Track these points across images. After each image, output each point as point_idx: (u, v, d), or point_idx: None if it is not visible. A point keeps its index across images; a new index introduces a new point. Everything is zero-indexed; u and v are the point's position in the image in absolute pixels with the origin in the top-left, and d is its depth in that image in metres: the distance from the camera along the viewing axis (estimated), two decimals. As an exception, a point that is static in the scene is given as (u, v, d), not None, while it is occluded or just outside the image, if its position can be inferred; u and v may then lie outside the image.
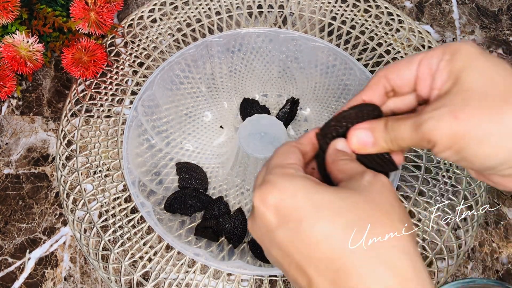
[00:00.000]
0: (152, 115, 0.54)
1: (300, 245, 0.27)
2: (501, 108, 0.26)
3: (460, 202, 0.51)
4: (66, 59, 0.54)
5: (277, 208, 0.28)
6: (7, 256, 0.50)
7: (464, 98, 0.27)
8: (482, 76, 0.27)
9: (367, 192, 0.28)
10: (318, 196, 0.27)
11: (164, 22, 0.61)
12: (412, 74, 0.31)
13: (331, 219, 0.26)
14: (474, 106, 0.26)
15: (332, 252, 0.26)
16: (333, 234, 0.26)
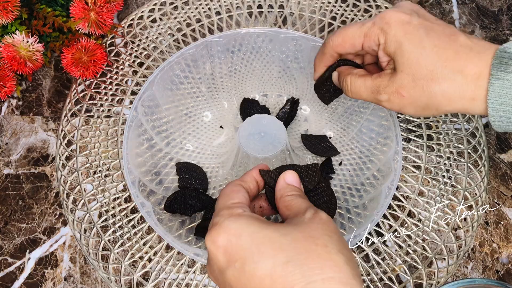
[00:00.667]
0: (152, 115, 0.54)
1: (246, 283, 0.29)
2: (429, 86, 0.35)
3: (460, 202, 0.51)
4: (66, 59, 0.54)
5: (225, 249, 0.30)
6: (7, 256, 0.50)
7: (403, 78, 0.36)
8: (411, 59, 0.36)
9: (307, 227, 0.30)
10: (260, 235, 0.29)
11: (164, 22, 0.61)
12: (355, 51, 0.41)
13: (273, 256, 0.28)
14: (411, 86, 0.36)
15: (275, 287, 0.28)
16: (274, 270, 0.28)
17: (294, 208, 0.33)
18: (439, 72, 0.35)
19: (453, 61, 0.35)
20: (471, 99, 0.34)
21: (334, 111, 0.56)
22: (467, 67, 0.34)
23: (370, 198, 0.50)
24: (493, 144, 0.55)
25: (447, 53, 0.35)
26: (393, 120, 0.50)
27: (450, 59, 0.35)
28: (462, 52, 0.35)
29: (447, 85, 0.35)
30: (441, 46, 0.35)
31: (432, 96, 0.36)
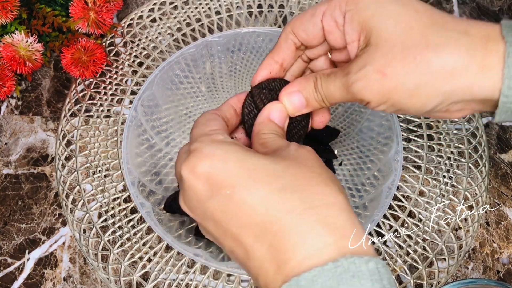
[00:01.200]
0: (152, 115, 0.54)
1: (235, 213, 0.25)
2: (424, 56, 0.26)
3: (460, 202, 0.51)
4: (66, 59, 0.54)
5: (208, 177, 0.26)
6: (6, 256, 0.49)
7: (385, 52, 0.26)
8: (395, 23, 0.27)
9: (298, 157, 0.27)
10: (250, 161, 0.26)
11: (163, 22, 0.61)
12: (318, 28, 0.30)
13: (267, 182, 0.25)
14: (398, 59, 0.26)
15: (269, 216, 0.24)
16: (269, 197, 0.25)
17: (271, 146, 0.29)
18: (438, 36, 0.26)
19: (452, 23, 0.26)
20: (481, 67, 0.25)
21: (334, 111, 0.56)
22: (471, 29, 0.26)
23: (370, 198, 0.50)
24: (493, 144, 0.55)
25: (444, 16, 0.27)
26: (394, 120, 0.50)
27: (449, 22, 0.27)
28: (458, 19, 0.27)
29: (448, 52, 0.26)
30: (433, 10, 0.27)
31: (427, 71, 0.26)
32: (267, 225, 0.24)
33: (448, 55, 0.26)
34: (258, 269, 0.25)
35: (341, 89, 0.29)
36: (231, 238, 0.26)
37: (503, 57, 0.25)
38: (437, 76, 0.26)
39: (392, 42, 0.26)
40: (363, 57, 0.28)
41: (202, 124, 0.30)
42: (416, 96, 0.27)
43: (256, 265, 0.25)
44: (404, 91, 0.26)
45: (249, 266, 0.25)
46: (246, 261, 0.25)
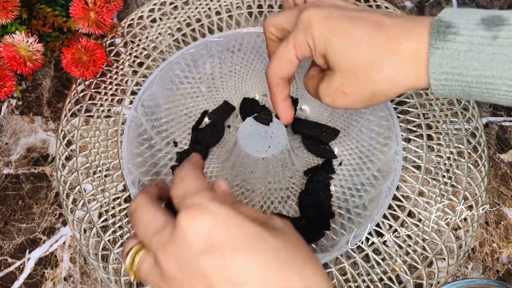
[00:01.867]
0: (152, 115, 0.54)
1: (230, 275, 0.26)
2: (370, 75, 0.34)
3: (460, 202, 0.51)
4: (66, 59, 0.54)
5: (208, 233, 0.26)
6: (6, 256, 0.49)
7: (341, 76, 0.35)
8: (342, 55, 0.35)
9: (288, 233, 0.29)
10: (250, 229, 0.27)
11: (164, 22, 0.61)
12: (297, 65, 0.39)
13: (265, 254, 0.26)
14: (352, 81, 0.35)
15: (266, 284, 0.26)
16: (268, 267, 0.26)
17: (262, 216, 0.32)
18: (377, 60, 0.34)
19: (386, 44, 0.33)
20: (415, 75, 0.33)
21: (334, 111, 0.56)
22: (402, 46, 0.33)
23: (370, 198, 0.50)
24: (493, 144, 0.55)
25: (379, 39, 0.34)
26: (393, 120, 0.50)
27: (383, 44, 0.33)
28: (393, 34, 0.33)
29: (387, 70, 0.33)
30: (371, 34, 0.34)
31: (377, 85, 0.34)
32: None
33: (389, 72, 0.34)
34: None
35: (314, 93, 0.39)
36: None
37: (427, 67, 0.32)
38: (386, 86, 0.34)
39: (345, 69, 0.35)
40: (326, 79, 0.37)
41: (199, 178, 0.31)
42: (372, 102, 0.36)
43: None
44: (362, 101, 0.36)
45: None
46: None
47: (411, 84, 0.34)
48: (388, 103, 0.51)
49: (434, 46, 0.32)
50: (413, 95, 0.56)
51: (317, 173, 0.52)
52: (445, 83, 0.32)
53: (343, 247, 0.45)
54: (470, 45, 0.31)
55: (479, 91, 0.32)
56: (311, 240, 0.49)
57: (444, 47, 0.31)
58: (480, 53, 0.30)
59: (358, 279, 0.47)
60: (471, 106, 0.55)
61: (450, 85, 0.32)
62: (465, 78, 0.31)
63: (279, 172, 0.52)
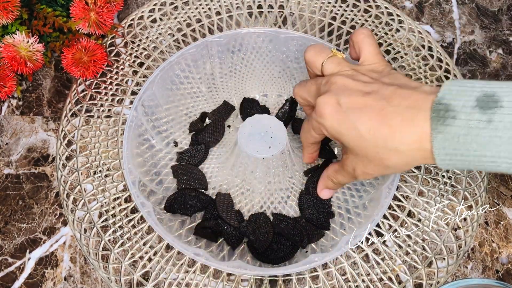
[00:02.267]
0: (152, 115, 0.54)
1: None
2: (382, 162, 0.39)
3: (460, 202, 0.51)
4: (66, 59, 0.55)
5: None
6: (7, 256, 0.50)
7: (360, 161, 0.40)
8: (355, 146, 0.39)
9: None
10: None
11: (164, 22, 0.61)
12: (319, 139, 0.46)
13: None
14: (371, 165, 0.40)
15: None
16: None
17: None
18: (385, 152, 0.37)
19: (391, 137, 0.36)
20: (423, 159, 0.36)
21: (334, 111, 0.56)
22: (405, 138, 0.36)
23: (370, 198, 0.50)
24: (493, 144, 0.55)
25: (382, 131, 0.37)
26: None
27: (388, 138, 0.37)
28: (396, 125, 0.36)
29: (396, 158, 0.37)
30: (375, 127, 0.37)
31: (391, 168, 0.39)
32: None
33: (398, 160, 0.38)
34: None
35: (349, 179, 0.45)
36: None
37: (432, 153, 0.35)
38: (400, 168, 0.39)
39: (360, 156, 0.40)
40: (348, 163, 0.42)
41: None
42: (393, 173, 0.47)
43: None
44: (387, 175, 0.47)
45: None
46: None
47: (421, 162, 0.37)
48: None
49: (436, 131, 0.34)
50: (413, 95, 0.56)
51: (317, 173, 0.52)
52: (449, 162, 0.35)
53: (343, 247, 0.45)
54: (468, 129, 0.33)
55: (482, 167, 0.34)
56: (311, 240, 0.49)
57: (445, 131, 0.34)
58: (477, 136, 0.33)
59: (358, 279, 0.47)
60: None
61: (455, 163, 0.35)
62: (467, 158, 0.34)
63: (279, 172, 0.52)
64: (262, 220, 0.50)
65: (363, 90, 0.39)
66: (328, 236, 0.50)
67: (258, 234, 0.49)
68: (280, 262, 0.48)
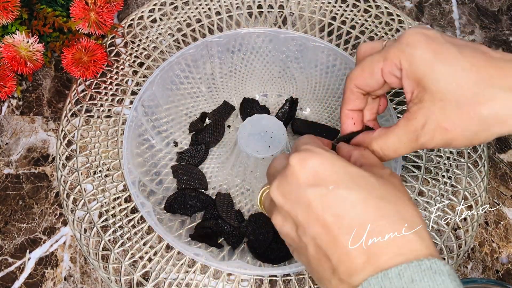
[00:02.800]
0: (152, 115, 0.54)
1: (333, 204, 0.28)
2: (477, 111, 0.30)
3: (460, 202, 0.51)
4: (66, 59, 0.55)
5: (315, 170, 0.29)
6: (7, 256, 0.50)
7: (441, 109, 0.31)
8: (446, 84, 0.31)
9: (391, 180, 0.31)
10: (353, 169, 0.30)
11: (164, 22, 0.61)
12: (380, 82, 0.35)
13: (366, 189, 0.29)
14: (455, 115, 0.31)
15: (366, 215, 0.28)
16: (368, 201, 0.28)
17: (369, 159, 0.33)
18: (486, 92, 0.30)
19: (498, 78, 0.30)
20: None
21: (334, 111, 0.56)
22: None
23: (370, 198, 0.50)
24: (492, 144, 0.55)
25: (490, 70, 0.31)
26: (393, 120, 0.50)
27: (495, 77, 0.30)
28: (506, 67, 0.31)
29: (498, 106, 0.30)
30: (480, 64, 0.31)
31: (483, 121, 0.31)
32: (362, 222, 0.28)
33: (500, 109, 0.30)
34: (343, 256, 0.27)
35: (406, 144, 0.34)
36: (321, 224, 0.28)
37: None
38: (490, 125, 0.31)
39: (446, 100, 0.31)
40: (422, 113, 0.32)
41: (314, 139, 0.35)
42: (474, 141, 0.32)
43: (342, 253, 0.27)
44: (464, 139, 0.32)
45: (332, 254, 0.28)
46: (331, 248, 0.28)
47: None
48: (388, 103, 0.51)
49: None
50: (413, 95, 0.56)
51: None
52: None
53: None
54: None
55: None
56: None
57: None
58: None
59: (358, 279, 0.47)
60: (470, 106, 0.55)
61: None
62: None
63: (279, 172, 0.52)
64: (262, 220, 0.50)
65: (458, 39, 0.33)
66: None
67: (258, 234, 0.49)
68: (280, 262, 0.48)
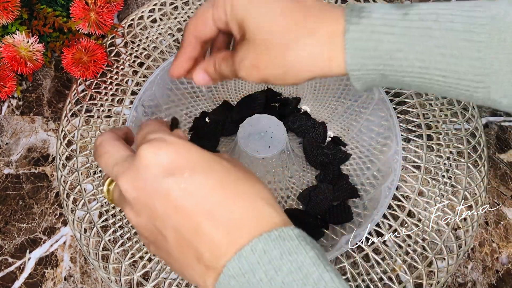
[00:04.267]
0: (152, 115, 0.54)
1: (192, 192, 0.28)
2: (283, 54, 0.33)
3: (460, 202, 0.51)
4: (66, 59, 0.55)
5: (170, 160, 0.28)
6: (7, 256, 0.50)
7: (255, 49, 0.34)
8: (260, 27, 0.33)
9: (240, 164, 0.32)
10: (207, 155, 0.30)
11: (164, 22, 0.61)
12: (213, 30, 0.37)
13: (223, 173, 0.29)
14: (265, 55, 0.33)
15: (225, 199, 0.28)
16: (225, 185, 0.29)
17: None
18: (292, 37, 0.33)
19: (303, 23, 0.32)
20: (328, 60, 0.32)
21: (334, 111, 0.56)
22: (319, 28, 0.32)
23: (370, 198, 0.50)
24: (492, 144, 0.55)
25: (297, 16, 0.33)
26: (393, 120, 0.50)
27: (300, 22, 0.33)
28: (311, 14, 0.33)
29: (301, 51, 0.33)
30: (289, 9, 0.33)
31: (288, 64, 0.33)
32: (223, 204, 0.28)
33: (302, 54, 0.33)
34: (208, 243, 0.27)
35: (231, 72, 0.37)
36: (181, 214, 0.28)
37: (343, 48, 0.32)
38: (298, 68, 0.33)
39: (259, 42, 0.33)
40: (241, 51, 0.35)
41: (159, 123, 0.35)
42: (283, 81, 0.35)
43: (206, 239, 0.27)
44: (275, 77, 0.34)
45: (196, 241, 0.28)
46: (194, 236, 0.28)
47: (324, 70, 0.33)
48: (388, 103, 0.51)
49: (350, 22, 0.32)
50: (413, 95, 0.56)
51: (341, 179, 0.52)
52: (360, 61, 0.32)
53: (343, 247, 0.45)
54: (384, 21, 0.31)
55: (393, 70, 0.32)
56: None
57: (360, 22, 0.31)
58: (393, 27, 0.31)
59: (358, 279, 0.47)
60: (470, 106, 0.55)
61: (365, 63, 0.32)
62: (379, 53, 0.31)
63: (279, 172, 0.52)
64: None
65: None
66: (328, 235, 0.50)
67: None
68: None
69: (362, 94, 0.53)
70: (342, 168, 0.54)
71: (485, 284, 0.48)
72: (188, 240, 0.28)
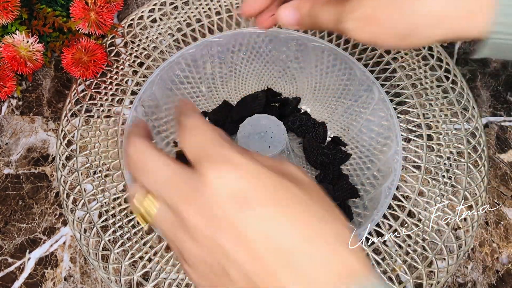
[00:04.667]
0: (152, 115, 0.54)
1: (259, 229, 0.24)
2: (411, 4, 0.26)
3: (460, 202, 0.51)
4: (66, 59, 0.54)
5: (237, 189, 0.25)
6: (7, 256, 0.50)
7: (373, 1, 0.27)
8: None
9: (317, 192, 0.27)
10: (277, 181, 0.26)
11: (164, 22, 0.61)
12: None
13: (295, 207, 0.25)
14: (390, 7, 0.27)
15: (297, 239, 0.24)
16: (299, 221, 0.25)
17: None
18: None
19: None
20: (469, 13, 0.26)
21: (334, 111, 0.56)
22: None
23: (370, 198, 0.50)
24: (493, 144, 0.55)
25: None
26: (393, 120, 0.50)
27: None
28: None
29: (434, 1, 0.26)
30: None
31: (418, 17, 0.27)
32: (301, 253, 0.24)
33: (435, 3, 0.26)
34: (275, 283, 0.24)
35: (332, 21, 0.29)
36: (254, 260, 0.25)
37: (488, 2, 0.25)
38: (426, 23, 0.27)
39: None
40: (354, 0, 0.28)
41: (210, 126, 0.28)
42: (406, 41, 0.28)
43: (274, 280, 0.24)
44: (395, 35, 0.27)
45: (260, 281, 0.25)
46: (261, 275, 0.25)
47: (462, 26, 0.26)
48: (388, 103, 0.51)
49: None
50: (413, 95, 0.56)
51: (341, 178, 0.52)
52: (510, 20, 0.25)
53: (343, 247, 0.45)
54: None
55: None
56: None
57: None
58: None
59: (358, 279, 0.47)
60: (471, 106, 0.55)
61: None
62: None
63: (279, 172, 0.51)
64: None
65: None
66: (328, 236, 0.50)
67: None
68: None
69: (362, 94, 0.53)
70: (342, 168, 0.54)
71: (485, 284, 0.48)
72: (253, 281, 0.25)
